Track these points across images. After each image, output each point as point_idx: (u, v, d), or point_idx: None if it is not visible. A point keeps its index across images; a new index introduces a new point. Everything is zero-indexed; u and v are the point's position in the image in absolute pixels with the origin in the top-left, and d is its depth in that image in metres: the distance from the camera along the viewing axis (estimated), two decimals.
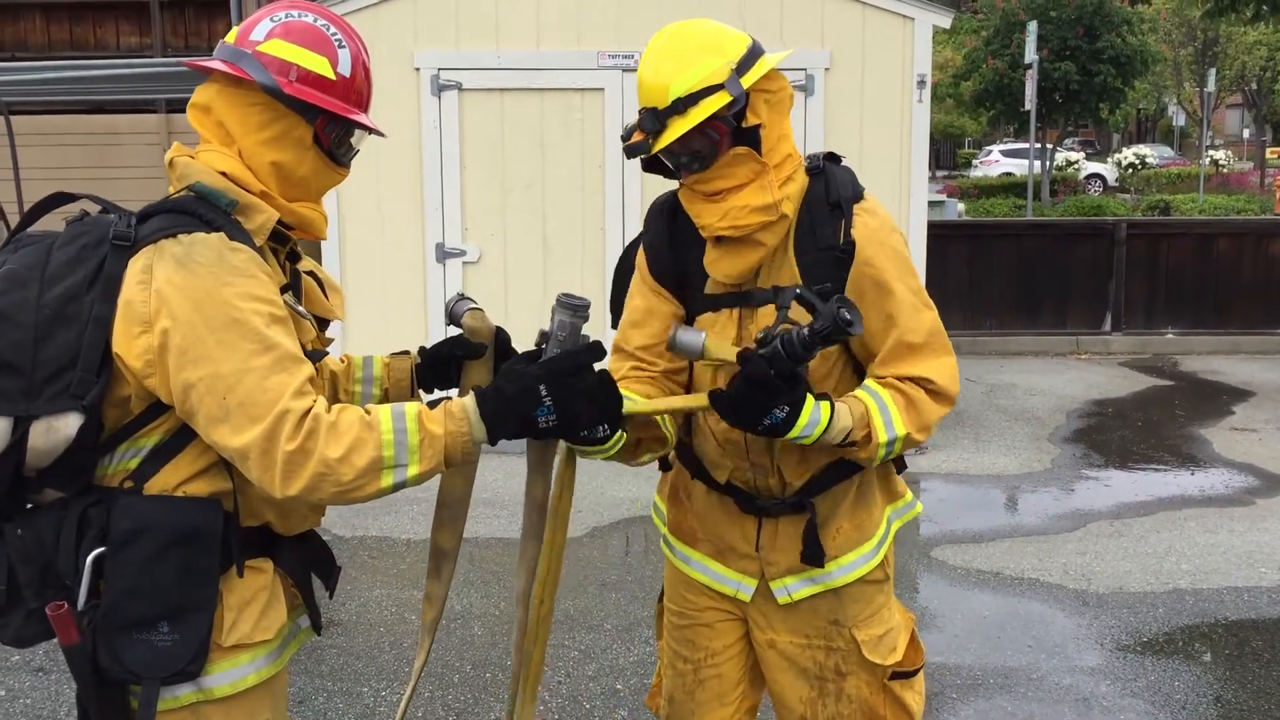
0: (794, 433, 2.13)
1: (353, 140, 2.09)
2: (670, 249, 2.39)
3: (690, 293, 2.38)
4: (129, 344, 1.82)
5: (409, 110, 6.95)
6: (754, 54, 2.22)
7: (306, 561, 2.11)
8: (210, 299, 1.81)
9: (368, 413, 1.87)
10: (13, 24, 11.49)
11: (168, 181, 2.01)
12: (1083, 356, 10.51)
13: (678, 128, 2.15)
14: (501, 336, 2.30)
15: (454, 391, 2.20)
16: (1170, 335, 10.69)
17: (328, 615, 4.81)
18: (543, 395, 1.90)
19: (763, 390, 2.06)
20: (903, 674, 2.46)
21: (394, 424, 1.85)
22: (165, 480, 1.90)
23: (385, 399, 2.34)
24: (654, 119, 2.18)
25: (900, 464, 2.54)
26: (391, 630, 4.67)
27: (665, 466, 2.62)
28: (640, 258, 2.46)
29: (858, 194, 2.31)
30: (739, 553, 2.45)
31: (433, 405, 1.92)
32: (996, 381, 9.42)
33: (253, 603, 1.97)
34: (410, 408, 1.89)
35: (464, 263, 7.11)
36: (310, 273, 2.17)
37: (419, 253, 7.10)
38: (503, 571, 5.32)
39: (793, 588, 2.41)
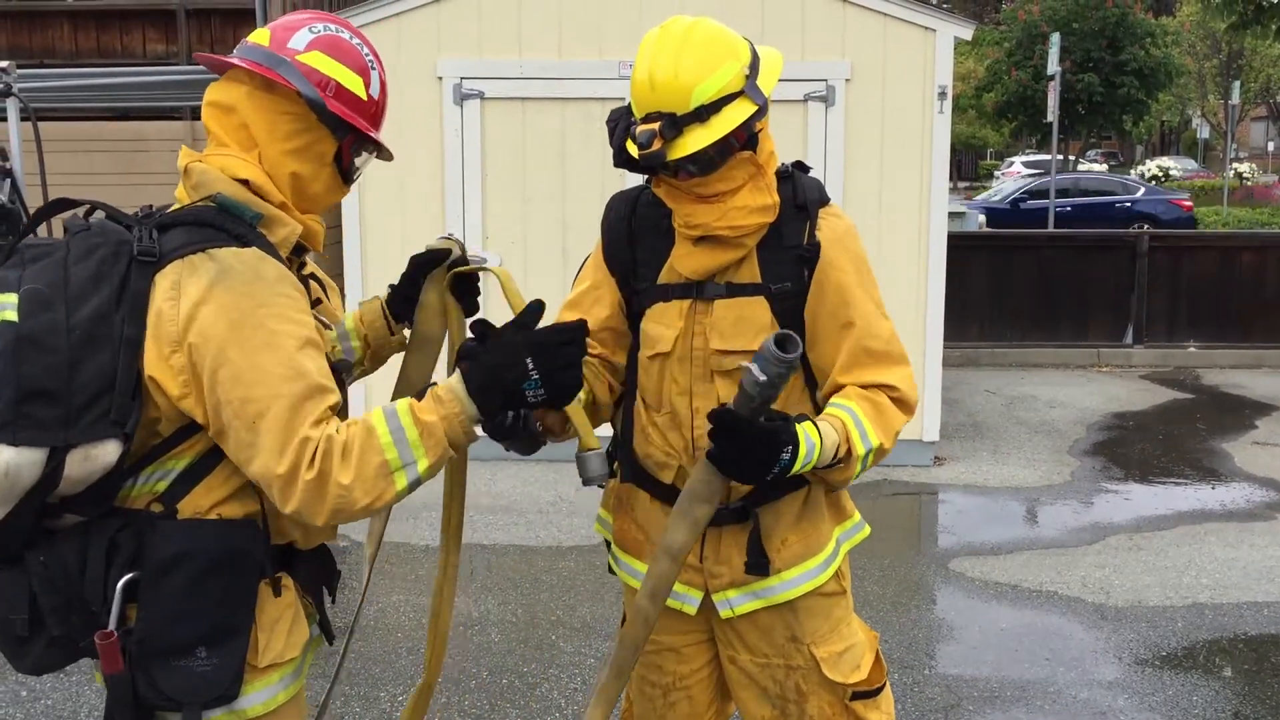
0: (798, 465, 2.10)
1: (359, 161, 2.07)
2: (628, 237, 2.38)
3: (639, 283, 2.36)
4: (163, 365, 1.78)
5: (431, 119, 6.99)
6: (757, 56, 2.19)
7: (317, 571, 2.10)
8: (246, 320, 1.77)
9: (356, 422, 1.83)
10: (41, 31, 11.61)
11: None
12: (1103, 369, 10.46)
13: (700, 137, 2.10)
14: (459, 255, 2.30)
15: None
16: (1192, 348, 10.63)
17: (344, 620, 4.83)
18: (530, 368, 1.88)
19: (766, 440, 2.05)
20: (866, 693, 2.40)
21: (388, 424, 1.82)
22: (197, 503, 1.87)
23: (367, 347, 2.31)
24: (674, 125, 2.10)
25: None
26: (409, 635, 4.69)
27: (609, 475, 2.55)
28: (597, 244, 2.45)
29: (824, 199, 2.31)
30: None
31: (420, 395, 1.89)
32: (1016, 393, 9.39)
33: (281, 620, 1.95)
34: (401, 404, 1.86)
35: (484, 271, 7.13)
36: (311, 274, 2.14)
37: None
38: (520, 578, 5.33)
39: (735, 601, 2.35)
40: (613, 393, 2.43)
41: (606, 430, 2.49)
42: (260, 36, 1.99)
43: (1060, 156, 22.27)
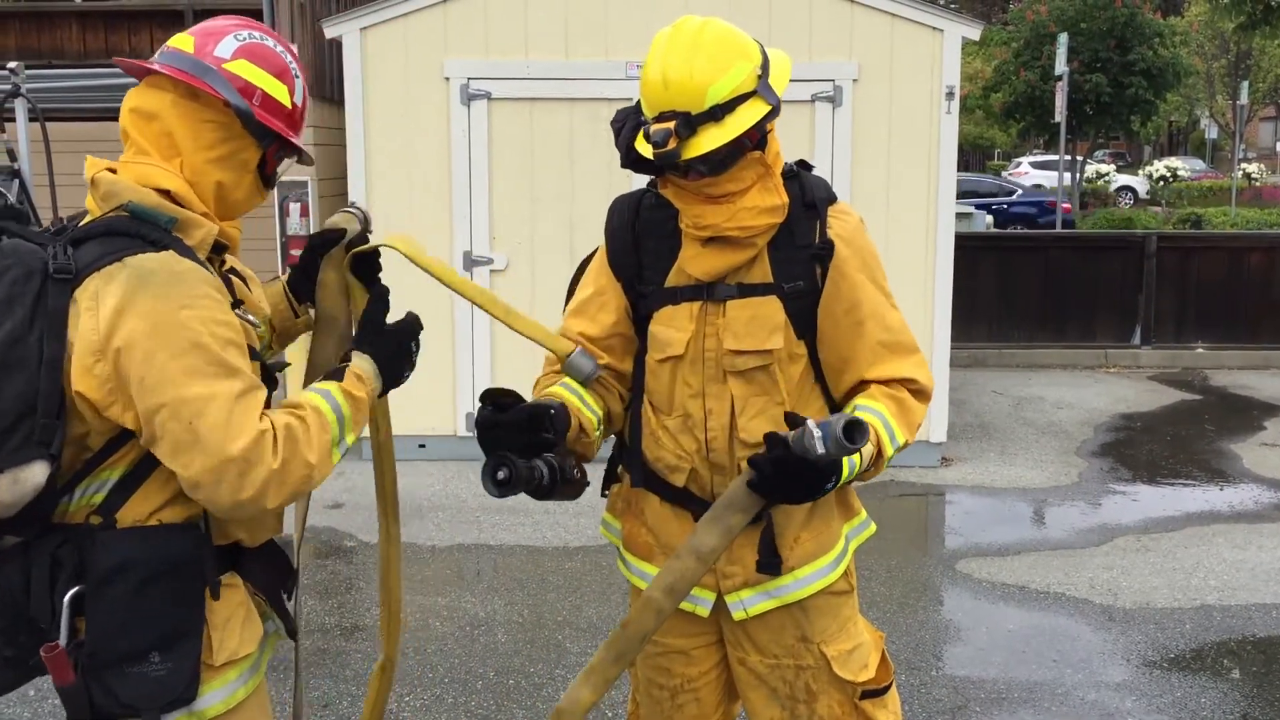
0: (840, 484, 2.16)
1: (280, 167, 2.08)
2: (632, 241, 2.37)
3: (645, 287, 2.35)
4: (87, 376, 1.77)
5: (438, 119, 6.99)
6: (767, 57, 2.21)
7: (269, 569, 2.11)
8: (167, 322, 1.76)
9: (300, 406, 1.90)
10: (49, 32, 11.64)
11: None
12: (1111, 370, 10.44)
13: (714, 136, 2.11)
14: (360, 232, 2.27)
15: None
16: (1200, 349, 10.60)
17: (352, 620, 4.85)
18: (414, 349, 2.12)
19: (813, 475, 2.08)
20: (874, 692, 2.41)
21: (329, 404, 1.92)
22: (136, 511, 1.87)
23: (273, 330, 2.31)
24: (688, 124, 2.11)
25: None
26: (415, 636, 4.69)
27: (612, 480, 2.54)
28: (601, 249, 2.44)
29: (832, 197, 2.33)
30: (710, 566, 2.38)
31: (337, 374, 2.00)
32: (1024, 394, 9.37)
33: (233, 618, 1.96)
34: (330, 386, 1.95)
35: (491, 271, 7.14)
36: (232, 269, 2.13)
37: (446, 260, 7.12)
38: (526, 579, 5.34)
39: (748, 602, 2.35)
40: (623, 401, 2.43)
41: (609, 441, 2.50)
42: (183, 43, 1.97)
43: (1068, 157, 22.21)
